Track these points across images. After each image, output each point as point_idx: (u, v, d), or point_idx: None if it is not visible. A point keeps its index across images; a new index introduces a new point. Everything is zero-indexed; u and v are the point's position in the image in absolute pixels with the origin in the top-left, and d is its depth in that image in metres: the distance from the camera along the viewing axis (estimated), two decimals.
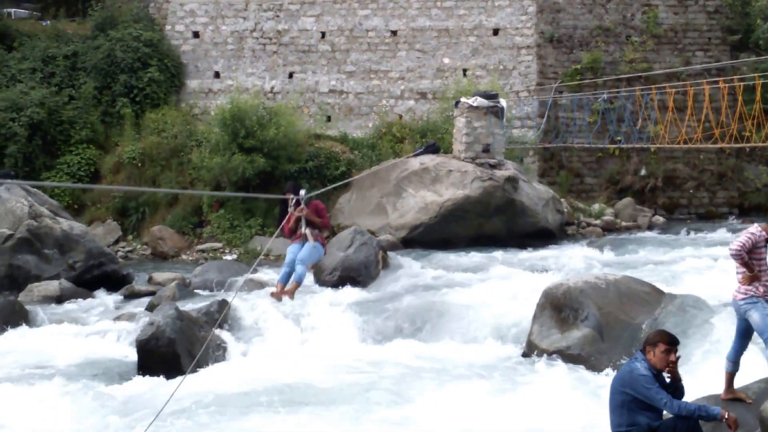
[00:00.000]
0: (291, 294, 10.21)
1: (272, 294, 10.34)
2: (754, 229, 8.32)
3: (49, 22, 30.95)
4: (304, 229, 10.37)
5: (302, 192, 10.37)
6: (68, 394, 11.38)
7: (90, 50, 28.19)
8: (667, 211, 27.03)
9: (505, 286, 16.15)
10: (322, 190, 13.56)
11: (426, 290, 16.25)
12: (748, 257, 8.16)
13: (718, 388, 8.47)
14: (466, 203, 21.98)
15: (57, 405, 10.90)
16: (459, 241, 21.68)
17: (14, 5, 32.48)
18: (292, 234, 10.52)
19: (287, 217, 10.46)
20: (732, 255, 8.23)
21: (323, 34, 28.58)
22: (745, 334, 8.44)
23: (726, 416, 7.20)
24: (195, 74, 28.85)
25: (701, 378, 9.75)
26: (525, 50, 27.91)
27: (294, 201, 10.28)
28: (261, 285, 17.78)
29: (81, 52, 28.33)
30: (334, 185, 18.49)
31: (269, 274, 19.22)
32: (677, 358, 7.54)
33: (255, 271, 19.32)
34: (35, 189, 20.49)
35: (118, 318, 15.73)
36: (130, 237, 25.30)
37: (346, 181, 22.13)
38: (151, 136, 26.41)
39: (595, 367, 11.73)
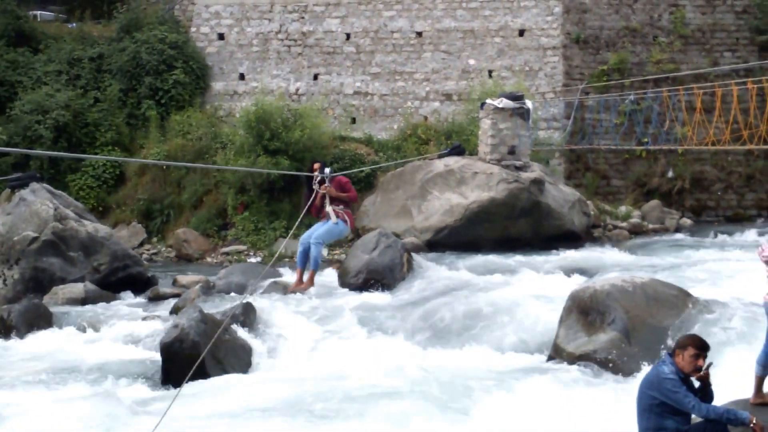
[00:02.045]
0: (309, 284, 10.07)
1: (291, 290, 10.21)
2: None
3: (74, 24, 31.20)
4: (328, 207, 10.24)
5: (327, 170, 10.27)
6: (92, 397, 11.38)
7: (115, 52, 28.37)
8: (695, 214, 26.75)
9: (531, 289, 16.01)
10: (346, 172, 13.36)
11: (451, 293, 16.12)
12: None
13: (747, 392, 8.36)
14: (492, 205, 21.85)
15: (80, 407, 10.90)
16: (484, 243, 21.55)
17: (40, 8, 32.76)
18: (318, 213, 10.40)
19: (314, 195, 10.31)
20: (765, 261, 8.11)
21: (348, 36, 28.57)
22: None
23: (753, 422, 7.13)
24: (220, 76, 28.93)
25: (730, 382, 9.62)
26: (551, 51, 27.73)
27: (318, 179, 10.17)
28: (286, 288, 17.76)
29: (106, 55, 28.53)
30: (361, 169, 18.22)
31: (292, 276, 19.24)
32: (709, 365, 7.46)
33: (276, 274, 19.35)
34: (60, 191, 20.59)
35: (142, 320, 15.75)
36: (154, 239, 25.41)
37: (375, 167, 22.04)
38: (176, 138, 26.53)
39: (622, 370, 11.59)
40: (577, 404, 10.41)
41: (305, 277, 10.31)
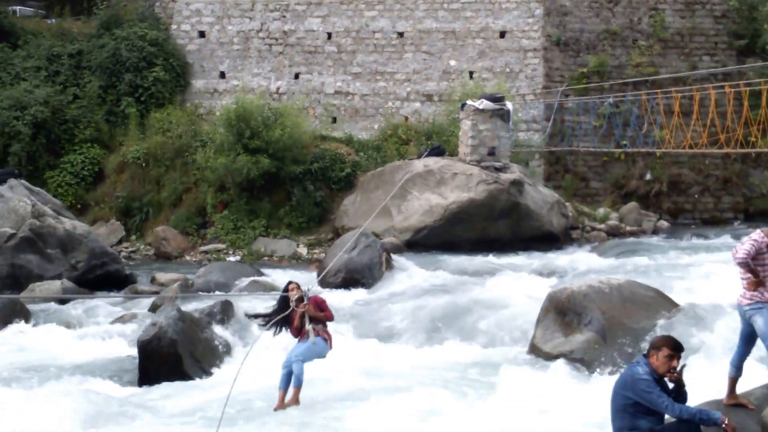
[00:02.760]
0: (294, 402, 10.17)
1: (276, 408, 10.26)
2: (757, 235, 8.30)
3: (54, 20, 30.97)
4: (308, 326, 10.33)
5: (304, 288, 10.38)
6: (69, 395, 11.31)
7: (95, 49, 28.21)
8: (672, 216, 26.98)
9: (509, 290, 16.12)
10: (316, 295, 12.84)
11: (429, 293, 16.22)
12: (752, 263, 8.15)
13: (721, 392, 8.44)
14: (471, 206, 21.94)
15: (57, 405, 10.85)
16: (463, 244, 21.64)
17: (19, 3, 32.48)
18: (299, 332, 10.48)
19: (292, 315, 10.39)
20: (738, 263, 8.21)
21: (329, 35, 28.57)
22: (749, 339, 8.42)
23: (726, 422, 7.20)
24: (200, 74, 28.85)
25: (704, 382, 9.72)
26: (532, 53, 27.86)
27: (297, 298, 10.27)
28: (265, 286, 17.76)
29: (86, 51, 28.35)
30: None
31: (273, 275, 19.29)
32: (683, 367, 7.53)
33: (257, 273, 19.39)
34: (38, 188, 20.50)
35: (120, 318, 15.71)
36: (133, 237, 25.30)
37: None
38: (156, 136, 26.41)
39: (598, 371, 11.69)
40: (553, 404, 10.49)
41: (288, 397, 10.37)
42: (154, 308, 15.79)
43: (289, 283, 10.71)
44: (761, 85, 19.56)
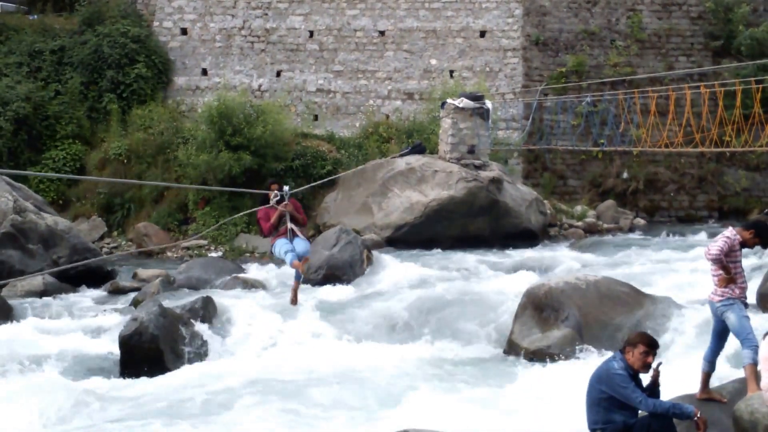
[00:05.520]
0: (295, 293, 10.31)
1: (293, 303, 10.37)
2: (729, 232, 8.51)
3: (36, 16, 30.82)
4: (290, 225, 10.41)
5: (286, 188, 10.43)
6: (50, 390, 11.37)
7: (77, 45, 28.12)
8: (648, 214, 27.28)
9: (488, 286, 16.32)
10: (307, 186, 13.45)
11: (409, 289, 16.38)
12: (725, 260, 8.35)
13: (694, 387, 8.63)
14: (451, 203, 22.12)
15: (37, 400, 10.92)
16: (443, 241, 21.83)
17: None
18: (274, 230, 10.51)
19: (268, 213, 10.43)
20: (710, 259, 8.40)
21: (311, 33, 28.66)
22: (721, 335, 8.63)
23: (698, 415, 7.36)
24: (182, 71, 28.85)
25: (678, 377, 9.92)
26: (511, 52, 28.08)
27: (278, 198, 10.33)
28: (246, 283, 17.87)
29: (68, 47, 28.24)
30: (321, 181, 18.66)
31: (255, 272, 19.39)
32: (659, 365, 7.69)
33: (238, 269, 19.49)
34: (20, 184, 20.46)
35: (101, 314, 15.76)
36: (115, 233, 25.29)
37: (332, 177, 22.41)
38: (138, 133, 26.39)
39: (574, 366, 11.88)
40: (529, 399, 10.68)
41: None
42: (135, 304, 15.88)
43: (271, 182, 10.73)
44: (736, 86, 19.93)
